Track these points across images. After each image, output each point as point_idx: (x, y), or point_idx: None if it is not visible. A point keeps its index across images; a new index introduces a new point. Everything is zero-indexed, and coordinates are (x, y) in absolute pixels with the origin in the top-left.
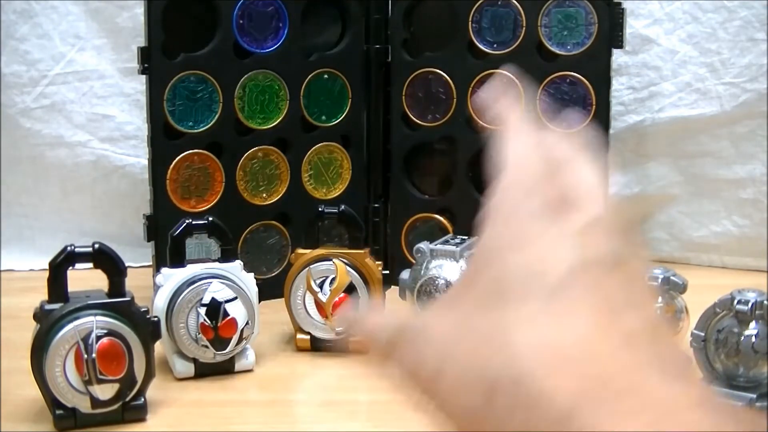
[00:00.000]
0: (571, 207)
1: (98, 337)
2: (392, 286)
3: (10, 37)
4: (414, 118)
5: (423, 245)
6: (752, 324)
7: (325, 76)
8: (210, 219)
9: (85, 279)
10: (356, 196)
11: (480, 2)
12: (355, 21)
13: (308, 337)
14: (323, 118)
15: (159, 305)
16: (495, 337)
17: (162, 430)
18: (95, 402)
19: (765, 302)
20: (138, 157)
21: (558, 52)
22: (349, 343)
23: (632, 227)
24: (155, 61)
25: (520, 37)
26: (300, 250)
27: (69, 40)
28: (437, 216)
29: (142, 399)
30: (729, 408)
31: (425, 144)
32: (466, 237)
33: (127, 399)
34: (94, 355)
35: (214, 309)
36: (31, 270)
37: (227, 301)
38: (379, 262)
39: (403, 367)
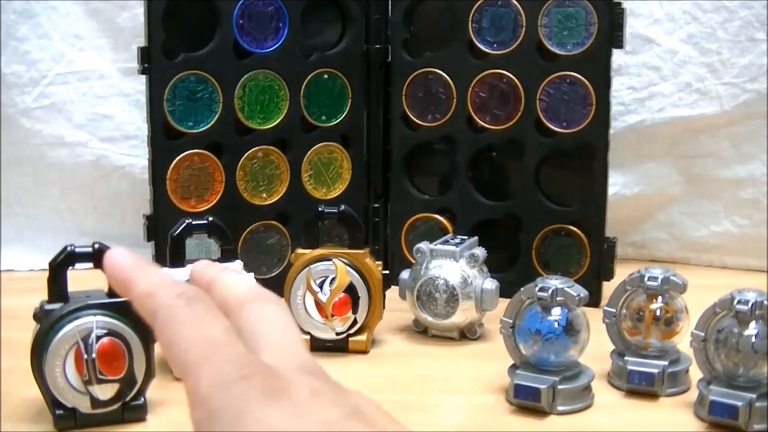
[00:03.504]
0: (282, 384)
1: (98, 337)
2: (392, 286)
3: (10, 37)
4: (414, 118)
5: (423, 245)
6: (752, 324)
7: (325, 76)
8: (210, 219)
9: (85, 279)
10: (356, 196)
11: (480, 2)
12: (355, 21)
13: (308, 337)
14: (323, 118)
15: None
16: None
17: (162, 430)
18: (95, 402)
19: (765, 302)
20: (138, 157)
21: (558, 52)
22: (349, 343)
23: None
24: (155, 61)
25: (520, 37)
26: (300, 250)
27: (69, 40)
28: (437, 216)
29: (142, 399)
30: None
31: (425, 144)
32: (466, 237)
33: (127, 399)
34: (94, 355)
35: None
36: (31, 270)
37: None
38: (379, 262)
39: None
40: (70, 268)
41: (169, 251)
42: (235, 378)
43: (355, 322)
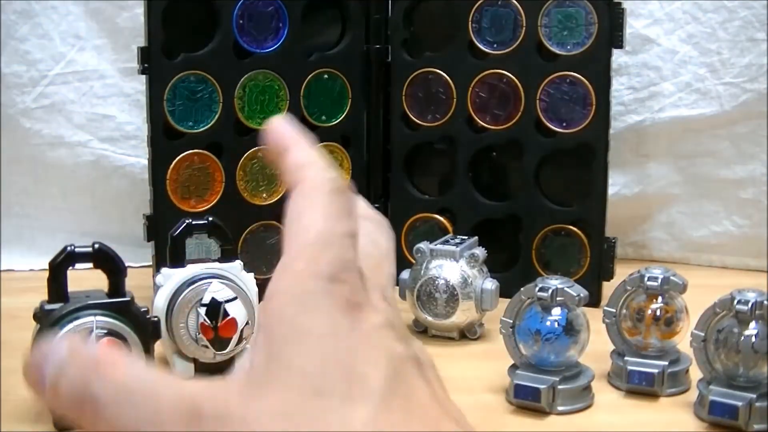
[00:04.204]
0: (365, 303)
1: (98, 337)
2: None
3: (10, 37)
4: (414, 118)
5: (423, 245)
6: (752, 324)
7: (325, 76)
8: (210, 219)
9: (85, 279)
10: None
11: (480, 2)
12: (355, 21)
13: None
14: (323, 118)
15: (159, 305)
16: None
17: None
18: None
19: (765, 302)
20: (138, 157)
21: (558, 52)
22: None
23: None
24: (155, 61)
25: (520, 37)
26: None
27: (69, 40)
28: (437, 216)
29: None
30: None
31: (425, 144)
32: (466, 237)
33: None
34: None
35: (214, 309)
36: (31, 270)
37: (227, 301)
38: None
39: None
40: (70, 268)
41: (169, 251)
42: (329, 276)
43: None
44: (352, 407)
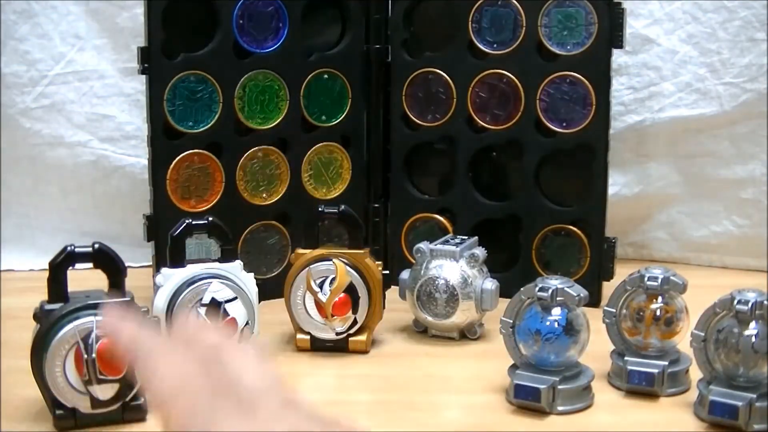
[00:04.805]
0: (250, 406)
1: (98, 337)
2: (392, 286)
3: (10, 37)
4: (414, 118)
5: (423, 245)
6: (752, 324)
7: (325, 76)
8: (210, 219)
9: (85, 279)
10: (356, 196)
11: (480, 2)
12: (355, 21)
13: (308, 337)
14: (323, 118)
15: (159, 305)
16: None
17: (162, 430)
18: (95, 402)
19: (765, 302)
20: (138, 157)
21: (558, 52)
22: (349, 343)
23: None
24: (155, 61)
25: (520, 37)
26: (300, 250)
27: (69, 40)
28: (437, 216)
29: (142, 399)
30: None
31: (425, 144)
32: (466, 237)
33: (127, 399)
34: (94, 355)
35: (214, 309)
36: (31, 270)
37: (227, 301)
38: (379, 262)
39: None
40: (70, 268)
41: (169, 251)
42: (210, 394)
43: (355, 322)
44: None
